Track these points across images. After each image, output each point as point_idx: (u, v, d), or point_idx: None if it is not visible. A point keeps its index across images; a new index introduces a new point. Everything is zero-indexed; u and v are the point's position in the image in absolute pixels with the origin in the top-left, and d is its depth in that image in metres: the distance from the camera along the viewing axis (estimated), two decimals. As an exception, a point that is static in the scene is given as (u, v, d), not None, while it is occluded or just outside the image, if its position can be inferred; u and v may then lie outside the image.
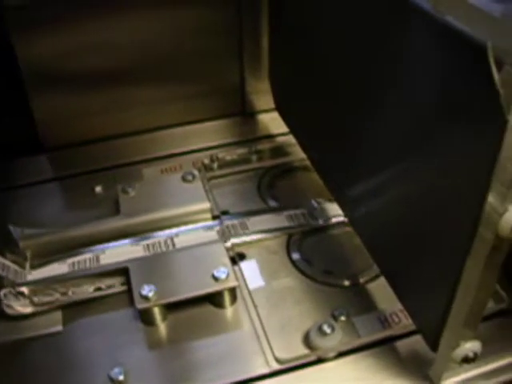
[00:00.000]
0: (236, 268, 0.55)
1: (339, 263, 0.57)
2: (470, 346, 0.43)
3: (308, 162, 0.65)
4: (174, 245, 0.56)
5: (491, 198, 0.35)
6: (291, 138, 0.68)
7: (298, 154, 0.67)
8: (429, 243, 0.43)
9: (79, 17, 0.63)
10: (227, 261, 0.53)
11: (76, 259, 0.56)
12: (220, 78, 0.72)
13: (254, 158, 0.69)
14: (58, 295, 0.54)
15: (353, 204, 0.54)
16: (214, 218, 0.59)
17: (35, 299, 0.53)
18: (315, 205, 0.61)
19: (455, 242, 0.39)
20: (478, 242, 0.37)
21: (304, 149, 0.64)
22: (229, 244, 0.56)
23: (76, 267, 0.55)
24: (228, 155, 0.67)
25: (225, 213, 0.60)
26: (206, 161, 0.67)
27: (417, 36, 0.39)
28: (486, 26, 0.33)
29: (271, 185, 0.65)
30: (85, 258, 0.56)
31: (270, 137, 0.72)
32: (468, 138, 0.36)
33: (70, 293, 0.54)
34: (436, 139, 0.39)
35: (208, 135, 0.72)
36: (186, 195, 0.59)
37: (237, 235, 0.57)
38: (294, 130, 0.66)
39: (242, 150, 0.69)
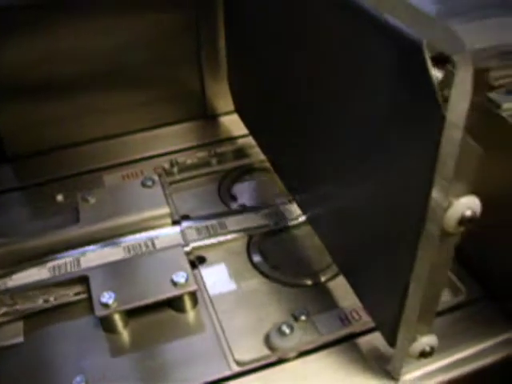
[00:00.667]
0: (196, 272, 0.55)
1: (300, 263, 0.57)
2: (427, 341, 0.43)
3: (268, 164, 0.65)
4: (133, 251, 0.56)
5: (435, 194, 0.35)
6: (252, 140, 0.68)
7: (259, 156, 0.67)
8: (381, 241, 0.43)
9: (39, 27, 0.63)
10: (186, 265, 0.53)
11: (37, 269, 0.55)
12: (179, 81, 0.72)
13: (214, 161, 0.69)
14: (18, 305, 0.53)
15: (310, 204, 0.54)
16: (175, 222, 0.59)
17: (-5, 310, 0.52)
18: (276, 206, 0.61)
19: (405, 239, 0.39)
20: (425, 237, 0.37)
21: (263, 150, 0.64)
22: (189, 248, 0.56)
23: (37, 277, 0.55)
24: (188, 159, 0.67)
25: (185, 217, 0.60)
26: (167, 165, 0.67)
27: (358, 35, 0.40)
28: (422, 25, 0.33)
29: (232, 187, 0.65)
30: (46, 268, 0.55)
31: (232, 139, 0.72)
32: (411, 135, 0.36)
33: (30, 303, 0.53)
34: (382, 138, 0.39)
35: (169, 139, 0.71)
36: (145, 201, 0.59)
37: (197, 239, 0.57)
38: (253, 131, 0.67)
39: (202, 154, 0.69)
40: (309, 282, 0.55)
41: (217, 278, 0.55)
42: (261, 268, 0.56)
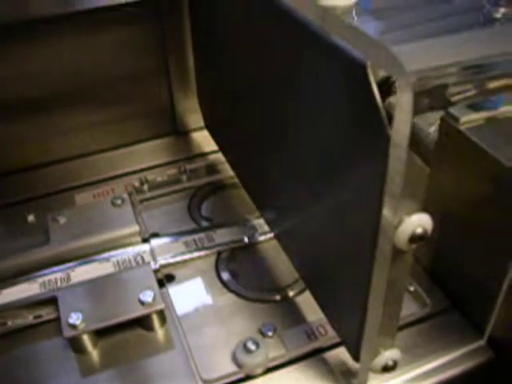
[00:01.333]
0: (165, 290, 0.55)
1: (269, 278, 0.57)
2: (389, 355, 0.44)
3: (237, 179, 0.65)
4: (103, 270, 0.56)
5: (386, 212, 0.36)
6: (222, 156, 0.68)
7: (229, 172, 0.67)
8: (340, 257, 0.43)
9: (3, 47, 0.63)
10: (154, 284, 0.53)
11: (6, 290, 0.55)
12: (149, 98, 0.72)
13: (185, 177, 0.69)
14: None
15: (276, 221, 0.55)
16: (144, 240, 0.59)
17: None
18: (244, 222, 0.61)
19: (361, 256, 0.40)
20: (379, 254, 0.38)
21: (232, 167, 0.64)
22: (157, 266, 0.57)
23: (6, 298, 0.55)
24: (159, 176, 0.68)
25: (154, 235, 0.60)
26: (137, 183, 0.67)
27: (307, 55, 0.40)
28: (366, 46, 0.34)
29: (202, 204, 0.66)
30: (16, 289, 0.55)
31: (203, 155, 0.72)
32: (360, 155, 0.37)
33: (-1, 324, 0.53)
34: (334, 158, 0.40)
35: (140, 157, 0.72)
36: (114, 220, 0.59)
37: (166, 257, 0.58)
38: (222, 148, 0.67)
39: (172, 171, 0.69)
40: (277, 298, 0.55)
41: (185, 296, 0.55)
42: (229, 285, 0.56)
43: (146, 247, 0.58)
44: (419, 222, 0.36)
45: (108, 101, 0.70)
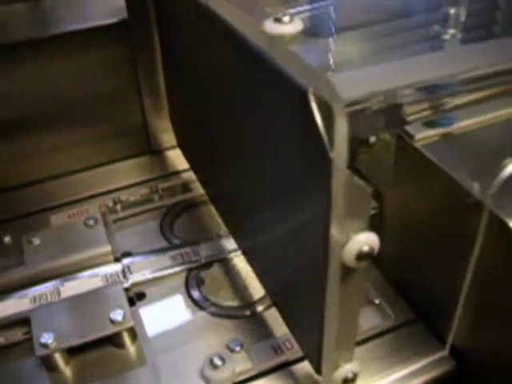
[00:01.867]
0: (135, 308, 0.56)
1: (238, 294, 0.58)
2: (349, 368, 0.45)
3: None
4: (75, 290, 0.57)
5: (333, 231, 0.37)
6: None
7: (200, 190, 0.69)
8: (299, 276, 0.45)
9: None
10: (124, 302, 0.54)
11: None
12: (122, 119, 0.73)
13: (157, 196, 0.70)
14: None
15: (242, 238, 0.57)
16: (117, 259, 0.60)
17: None
18: (215, 239, 0.63)
19: (316, 274, 0.41)
20: (330, 272, 0.39)
21: (202, 185, 0.66)
22: (128, 284, 0.58)
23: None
24: (132, 196, 0.69)
25: (126, 254, 0.62)
26: (110, 203, 0.69)
27: (257, 80, 0.42)
28: (307, 74, 0.35)
29: (173, 222, 0.67)
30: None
31: (176, 173, 0.73)
32: (306, 176, 0.38)
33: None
34: (286, 182, 0.42)
35: (115, 177, 0.73)
36: (87, 240, 0.60)
37: (136, 275, 0.59)
38: (193, 167, 0.69)
39: (144, 190, 0.70)
40: (246, 313, 0.56)
41: (156, 313, 0.57)
42: (198, 301, 0.57)
43: (117, 266, 0.59)
44: (365, 240, 0.37)
45: (83, 121, 0.72)
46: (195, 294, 0.58)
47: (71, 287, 0.57)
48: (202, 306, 0.57)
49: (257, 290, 0.58)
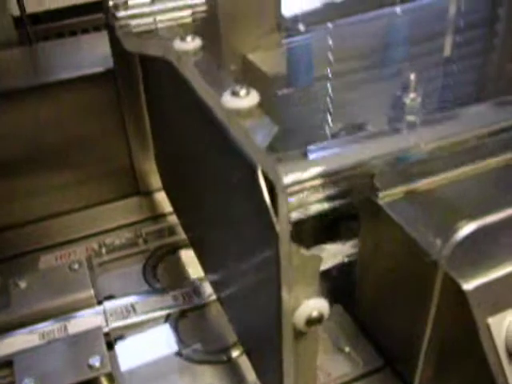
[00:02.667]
0: (114, 352, 0.58)
1: (215, 340, 0.60)
2: (312, 419, 0.47)
3: (189, 241, 0.69)
4: (58, 334, 0.59)
5: (284, 296, 0.39)
6: (179, 217, 0.72)
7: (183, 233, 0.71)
8: (261, 331, 0.47)
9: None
10: (103, 348, 0.56)
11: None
12: (110, 161, 0.76)
13: (141, 240, 0.72)
14: None
15: (216, 285, 0.59)
16: (100, 303, 0.63)
17: None
18: (194, 283, 0.65)
19: (273, 332, 0.43)
20: (284, 332, 0.41)
21: (183, 228, 0.68)
22: (108, 328, 0.60)
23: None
24: (117, 239, 0.71)
25: (109, 297, 0.64)
26: (96, 247, 0.71)
27: (217, 149, 0.44)
28: (257, 153, 0.37)
29: (156, 266, 0.69)
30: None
31: (162, 216, 0.76)
32: (258, 245, 0.40)
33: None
34: (242, 246, 0.44)
35: (102, 219, 0.75)
36: (71, 284, 0.62)
37: (117, 319, 0.61)
38: (175, 209, 0.71)
39: (129, 234, 0.73)
40: (221, 359, 0.58)
41: (134, 358, 0.59)
42: (176, 347, 0.59)
43: (99, 309, 0.61)
44: (315, 306, 0.39)
45: (71, 164, 0.74)
46: (173, 339, 0.60)
47: (54, 331, 0.60)
48: (179, 352, 0.59)
49: (233, 335, 0.60)
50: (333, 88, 0.64)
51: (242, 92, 0.41)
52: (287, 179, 0.37)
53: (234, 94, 0.41)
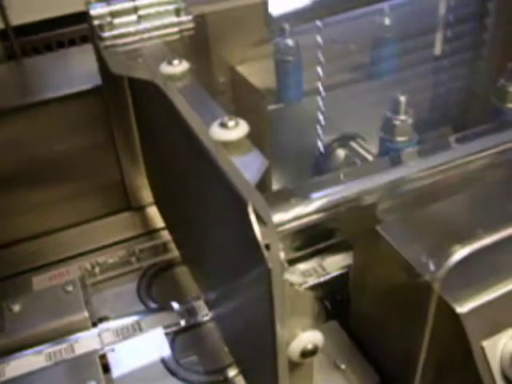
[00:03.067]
0: (110, 374, 0.58)
1: (211, 359, 0.60)
2: None
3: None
4: (54, 358, 0.59)
5: (278, 330, 0.39)
6: (173, 232, 0.71)
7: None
8: (257, 354, 0.47)
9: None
10: (98, 372, 0.56)
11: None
12: (99, 175, 0.75)
13: (134, 259, 0.72)
14: None
15: (209, 304, 0.58)
16: (95, 324, 0.62)
17: None
18: (189, 302, 0.65)
19: (269, 360, 0.43)
20: (280, 363, 0.41)
21: (176, 245, 0.68)
22: (104, 351, 0.60)
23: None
24: (110, 258, 0.71)
25: (104, 319, 0.64)
26: (89, 266, 0.70)
27: (205, 174, 0.44)
28: (247, 189, 0.37)
29: (150, 284, 0.69)
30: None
31: (155, 231, 0.75)
32: (252, 279, 0.40)
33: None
34: (234, 278, 0.43)
35: (95, 236, 0.74)
36: (65, 307, 0.62)
37: (112, 341, 0.61)
38: (167, 226, 0.71)
39: (122, 251, 0.72)
40: (218, 379, 0.58)
41: (130, 380, 0.58)
42: (172, 368, 0.59)
43: (94, 332, 0.61)
44: (309, 339, 0.39)
45: (61, 180, 0.74)
46: (169, 359, 0.60)
47: (49, 356, 0.59)
48: (175, 373, 0.59)
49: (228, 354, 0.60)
50: (324, 97, 0.64)
51: (231, 123, 0.41)
52: (278, 217, 0.37)
53: (223, 125, 0.41)
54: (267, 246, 0.36)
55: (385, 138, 0.48)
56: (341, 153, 0.66)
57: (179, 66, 0.50)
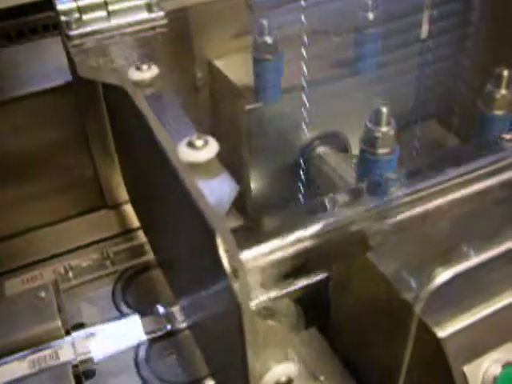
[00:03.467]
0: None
1: (187, 370, 0.58)
2: None
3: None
4: (27, 369, 0.57)
5: (250, 362, 0.37)
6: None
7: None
8: (230, 372, 0.45)
9: None
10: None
11: None
12: (73, 173, 0.72)
13: (108, 262, 0.69)
14: None
15: (183, 311, 0.57)
16: (68, 332, 0.60)
17: None
18: (166, 308, 0.63)
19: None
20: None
21: (151, 247, 0.66)
22: (76, 361, 0.58)
23: None
24: (84, 261, 0.69)
25: (78, 326, 0.61)
26: (62, 270, 0.68)
27: (174, 193, 0.42)
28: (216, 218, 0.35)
29: (126, 289, 0.66)
30: None
31: (133, 230, 0.73)
32: (224, 311, 0.38)
33: None
34: (206, 304, 0.41)
35: (70, 236, 0.72)
36: (37, 314, 0.59)
37: (85, 351, 0.59)
38: (142, 227, 0.68)
39: (97, 254, 0.70)
40: (195, 389, 0.57)
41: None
42: (147, 379, 0.58)
43: (67, 340, 0.59)
44: (283, 371, 0.37)
45: (32, 177, 0.70)
46: (144, 370, 0.58)
47: (21, 367, 0.57)
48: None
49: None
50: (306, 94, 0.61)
51: (199, 143, 0.38)
52: (248, 253, 0.35)
53: (191, 145, 0.38)
54: (236, 275, 0.34)
55: (365, 149, 0.46)
56: (321, 152, 0.64)
57: (148, 72, 0.47)
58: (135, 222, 0.73)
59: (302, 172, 0.64)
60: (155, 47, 0.58)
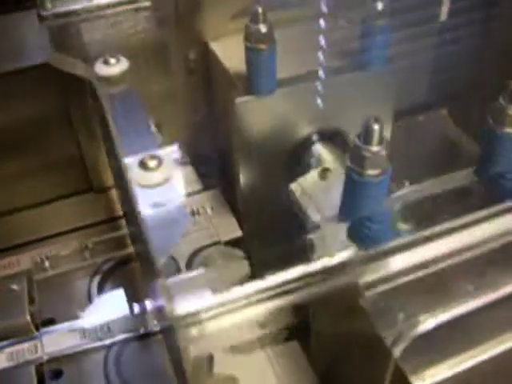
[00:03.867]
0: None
1: (158, 375, 0.55)
2: None
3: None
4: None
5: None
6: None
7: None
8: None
9: None
10: (33, 384, 0.52)
11: None
12: (56, 152, 0.68)
13: (87, 253, 0.65)
14: None
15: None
16: (37, 328, 0.57)
17: None
18: (142, 307, 0.59)
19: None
20: None
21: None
22: (44, 360, 0.55)
23: None
24: (62, 250, 0.65)
25: (48, 322, 0.58)
26: (38, 259, 0.64)
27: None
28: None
29: (103, 283, 0.63)
30: None
31: (118, 218, 0.69)
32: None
33: None
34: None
35: (50, 220, 0.68)
36: (8, 307, 0.57)
37: (55, 350, 0.55)
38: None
39: (77, 241, 0.66)
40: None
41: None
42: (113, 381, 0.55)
43: (36, 337, 0.56)
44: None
45: (16, 155, 0.67)
46: (113, 376, 0.55)
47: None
48: (116, 390, 0.54)
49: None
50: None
51: (152, 164, 0.34)
52: (189, 306, 0.31)
53: (143, 165, 0.34)
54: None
55: (352, 168, 0.40)
56: (317, 149, 0.59)
57: (117, 66, 0.43)
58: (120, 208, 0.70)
59: (296, 171, 0.59)
60: (141, 29, 0.54)
